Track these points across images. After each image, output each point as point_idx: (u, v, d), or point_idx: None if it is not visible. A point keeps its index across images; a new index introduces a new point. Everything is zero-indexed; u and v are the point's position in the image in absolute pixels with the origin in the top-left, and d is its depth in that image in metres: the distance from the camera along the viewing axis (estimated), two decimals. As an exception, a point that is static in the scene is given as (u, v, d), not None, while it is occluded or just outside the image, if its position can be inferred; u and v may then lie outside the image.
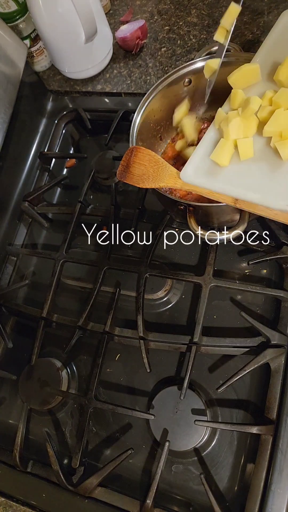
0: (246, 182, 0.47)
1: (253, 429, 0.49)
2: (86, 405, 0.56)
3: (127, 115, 0.75)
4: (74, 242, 0.70)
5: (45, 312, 0.63)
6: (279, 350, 0.52)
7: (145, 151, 0.52)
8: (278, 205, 0.44)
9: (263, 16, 0.75)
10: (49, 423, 0.61)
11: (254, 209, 0.45)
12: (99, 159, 0.73)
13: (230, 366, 0.56)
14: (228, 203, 0.46)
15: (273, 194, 0.45)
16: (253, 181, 0.47)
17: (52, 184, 0.75)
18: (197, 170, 0.51)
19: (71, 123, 0.83)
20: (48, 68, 0.88)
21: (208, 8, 0.81)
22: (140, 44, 0.79)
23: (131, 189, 0.71)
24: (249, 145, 0.48)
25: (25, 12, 0.76)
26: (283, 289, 0.55)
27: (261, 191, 0.46)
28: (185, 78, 0.61)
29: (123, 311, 0.62)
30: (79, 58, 0.77)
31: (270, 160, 0.47)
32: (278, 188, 0.45)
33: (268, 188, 0.46)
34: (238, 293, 0.59)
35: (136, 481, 0.54)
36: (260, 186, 0.46)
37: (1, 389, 0.66)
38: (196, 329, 0.54)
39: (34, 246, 0.76)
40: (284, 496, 0.46)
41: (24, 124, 0.78)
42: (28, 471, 0.57)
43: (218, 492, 0.50)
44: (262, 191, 0.46)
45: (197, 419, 0.51)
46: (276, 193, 0.45)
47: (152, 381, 0.58)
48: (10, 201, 0.76)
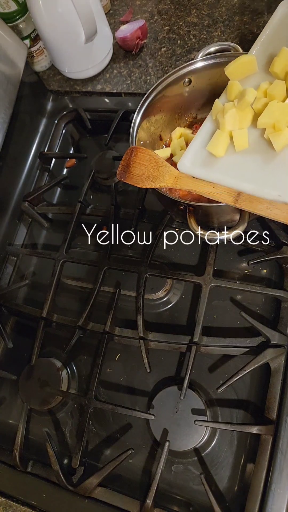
0: (240, 173, 0.48)
1: (253, 429, 0.49)
2: (86, 405, 0.56)
3: (127, 115, 0.75)
4: (74, 242, 0.70)
5: (45, 312, 0.63)
6: (279, 350, 0.52)
7: (145, 151, 0.52)
8: (271, 195, 0.45)
9: (263, 16, 0.75)
10: (49, 423, 0.61)
11: (254, 209, 0.45)
12: (99, 159, 0.73)
13: (230, 366, 0.56)
14: (228, 203, 0.46)
15: (266, 184, 0.46)
16: (247, 172, 0.48)
17: (52, 184, 0.75)
18: (194, 161, 0.52)
19: (71, 123, 0.83)
20: (48, 68, 0.88)
21: (208, 8, 0.81)
22: (140, 44, 0.79)
23: (131, 189, 0.71)
24: (244, 137, 0.49)
25: (25, 12, 0.76)
26: (283, 289, 0.55)
27: (254, 182, 0.47)
28: (185, 78, 0.61)
29: (123, 311, 0.62)
30: (79, 58, 0.77)
31: (264, 152, 0.48)
32: (271, 178, 0.46)
33: (261, 178, 0.47)
34: (238, 293, 0.59)
35: (136, 481, 0.54)
36: (254, 177, 0.47)
37: (1, 389, 0.66)
38: (196, 329, 0.54)
39: (34, 246, 0.76)
40: (284, 496, 0.46)
41: (24, 124, 0.78)
42: (28, 471, 0.57)
43: (218, 492, 0.50)
44: (256, 181, 0.47)
45: (197, 419, 0.51)
46: (269, 183, 0.46)
47: (152, 381, 0.58)
48: (10, 201, 0.76)
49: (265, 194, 0.45)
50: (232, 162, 0.50)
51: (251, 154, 0.49)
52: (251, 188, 0.46)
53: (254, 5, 0.77)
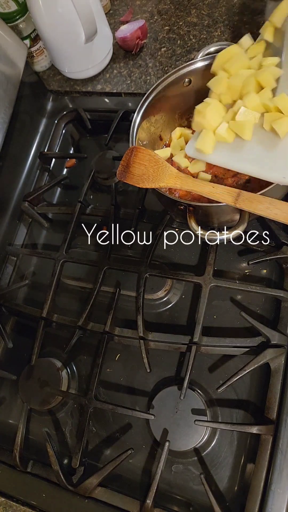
0: (244, 156, 0.50)
1: (253, 429, 0.49)
2: (86, 405, 0.56)
3: (127, 115, 0.75)
4: (74, 242, 0.70)
5: (45, 312, 0.63)
6: (279, 350, 0.52)
7: (145, 151, 0.52)
8: (275, 177, 0.47)
9: (263, 16, 0.75)
10: (49, 423, 0.61)
11: (254, 209, 0.45)
12: (99, 159, 0.73)
13: (230, 366, 0.56)
14: (228, 203, 0.46)
15: (271, 167, 0.48)
16: (251, 155, 0.50)
17: (52, 184, 0.75)
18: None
19: (71, 123, 0.83)
20: (48, 68, 0.88)
21: (208, 8, 0.81)
22: (140, 44, 0.79)
23: (131, 189, 0.71)
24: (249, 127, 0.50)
25: (25, 12, 0.76)
26: (283, 289, 0.55)
27: (259, 164, 0.49)
28: (185, 78, 0.61)
29: (123, 311, 0.62)
30: (79, 58, 0.77)
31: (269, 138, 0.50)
32: (276, 162, 0.48)
33: (266, 162, 0.49)
34: (238, 293, 0.59)
35: (136, 481, 0.54)
36: (259, 160, 0.49)
37: (1, 389, 0.66)
38: (196, 329, 0.54)
39: (34, 246, 0.76)
40: (284, 496, 0.46)
41: (24, 124, 0.78)
42: (28, 471, 0.57)
43: (218, 492, 0.50)
44: (261, 164, 0.49)
45: (197, 419, 0.51)
46: (274, 166, 0.48)
47: (152, 381, 0.58)
48: (10, 201, 0.76)
49: (269, 176, 0.47)
50: (237, 146, 0.51)
51: (257, 141, 0.50)
52: (256, 170, 0.49)
53: (254, 5, 0.77)
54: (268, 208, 0.45)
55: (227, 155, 0.52)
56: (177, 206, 0.52)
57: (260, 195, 0.45)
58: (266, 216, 0.45)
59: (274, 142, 0.49)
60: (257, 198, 0.45)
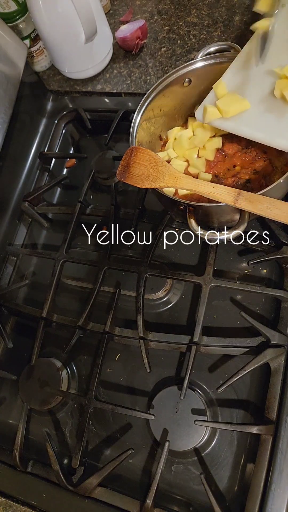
0: (254, 123, 0.53)
1: (253, 429, 0.49)
2: (86, 405, 0.56)
3: (127, 115, 0.75)
4: (74, 242, 0.70)
5: (45, 312, 0.63)
6: (279, 350, 0.52)
7: (145, 151, 0.52)
8: (283, 144, 0.49)
9: (263, 16, 0.75)
10: (49, 423, 0.61)
11: (254, 209, 0.45)
12: (99, 159, 0.73)
13: (230, 366, 0.56)
14: (228, 203, 0.46)
15: (278, 134, 0.50)
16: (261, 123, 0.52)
17: (52, 184, 0.75)
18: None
19: (71, 123, 0.83)
20: (48, 68, 0.88)
21: (208, 8, 0.81)
22: (140, 44, 0.79)
23: (131, 189, 0.71)
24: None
25: (25, 12, 0.76)
26: (283, 289, 0.55)
27: (267, 131, 0.51)
28: (185, 78, 0.61)
29: (123, 311, 0.62)
30: (79, 58, 0.77)
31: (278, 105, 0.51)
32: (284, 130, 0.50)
33: (274, 129, 0.51)
34: (238, 293, 0.59)
35: (136, 481, 0.54)
36: (267, 127, 0.51)
37: (1, 389, 0.66)
38: (196, 329, 0.54)
39: (34, 246, 0.76)
40: (284, 496, 0.46)
41: (24, 124, 0.78)
42: (28, 471, 0.57)
43: (218, 492, 0.50)
44: (268, 131, 0.51)
45: (197, 419, 0.51)
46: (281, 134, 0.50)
47: (152, 381, 0.58)
48: (10, 201, 0.76)
49: (278, 143, 0.50)
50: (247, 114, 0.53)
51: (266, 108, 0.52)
52: (263, 136, 0.51)
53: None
54: (268, 208, 0.45)
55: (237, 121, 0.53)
56: (177, 206, 0.52)
57: (260, 195, 0.45)
58: (266, 216, 0.45)
59: (284, 110, 0.50)
60: (257, 198, 0.45)
